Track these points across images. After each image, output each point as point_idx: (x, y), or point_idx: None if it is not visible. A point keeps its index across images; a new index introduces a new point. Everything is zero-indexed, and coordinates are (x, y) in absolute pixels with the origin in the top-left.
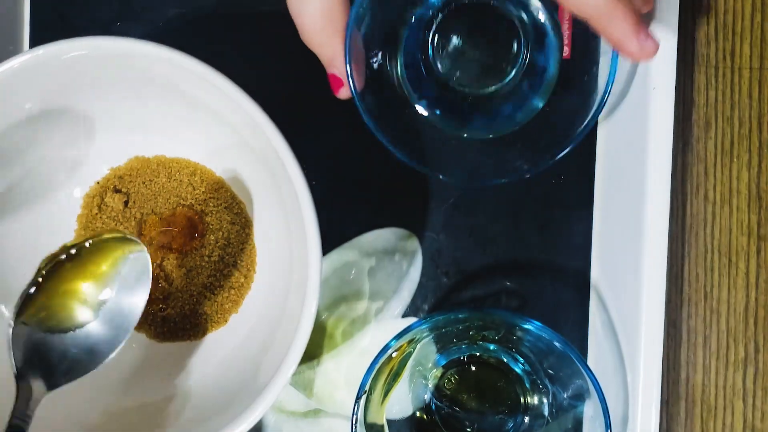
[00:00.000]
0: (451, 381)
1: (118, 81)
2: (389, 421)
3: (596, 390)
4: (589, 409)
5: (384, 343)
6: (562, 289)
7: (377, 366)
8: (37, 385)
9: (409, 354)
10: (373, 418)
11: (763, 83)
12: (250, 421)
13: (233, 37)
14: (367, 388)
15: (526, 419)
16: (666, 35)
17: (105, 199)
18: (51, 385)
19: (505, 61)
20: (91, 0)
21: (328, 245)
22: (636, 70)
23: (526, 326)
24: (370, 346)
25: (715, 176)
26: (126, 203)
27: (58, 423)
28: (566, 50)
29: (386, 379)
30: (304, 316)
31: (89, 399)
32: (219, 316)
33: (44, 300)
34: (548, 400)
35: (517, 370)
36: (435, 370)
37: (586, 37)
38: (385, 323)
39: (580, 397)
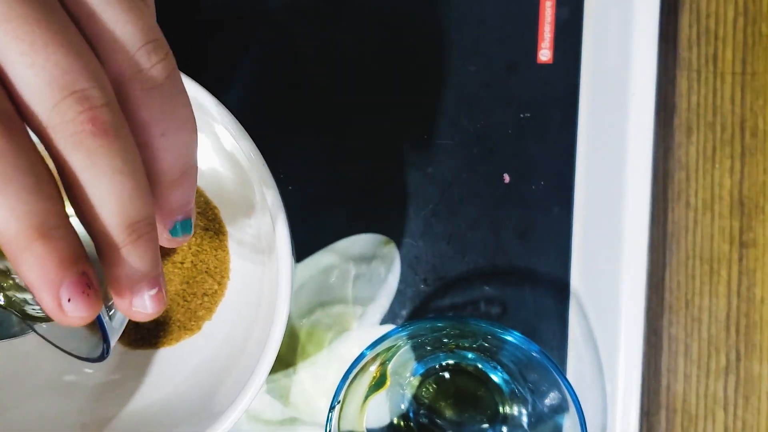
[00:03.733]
0: (429, 390)
1: None
2: (367, 430)
3: (573, 401)
4: (568, 420)
5: (360, 350)
6: (541, 296)
7: (352, 375)
8: None
9: (389, 362)
10: (350, 426)
11: (745, 88)
12: (222, 429)
13: (206, 42)
14: (341, 397)
15: (505, 429)
16: (647, 39)
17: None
18: None
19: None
20: None
21: (304, 251)
22: (615, 75)
23: (503, 336)
24: (347, 353)
25: (696, 182)
26: None
27: None
28: (548, 54)
29: (369, 385)
30: (276, 323)
31: (61, 410)
32: (192, 323)
33: None
34: (527, 409)
35: (496, 378)
36: (413, 379)
37: (567, 41)
38: (363, 330)
39: (559, 407)
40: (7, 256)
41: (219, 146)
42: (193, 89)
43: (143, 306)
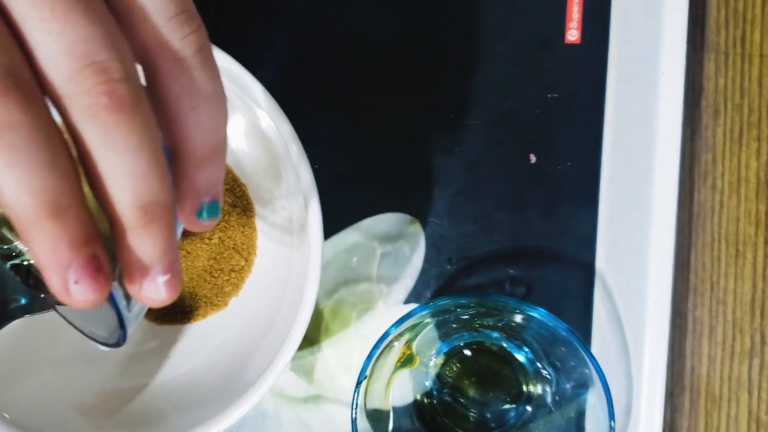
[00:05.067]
0: (452, 369)
1: None
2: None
3: (600, 378)
4: (592, 398)
5: (386, 328)
6: (566, 277)
7: (377, 352)
8: None
9: (413, 340)
10: (376, 404)
11: None
12: (248, 405)
13: (235, 19)
14: (367, 374)
15: (529, 408)
16: (676, 21)
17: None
18: None
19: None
20: None
21: (330, 229)
22: (644, 56)
23: (530, 313)
24: (371, 331)
25: (723, 165)
26: None
27: (52, 403)
28: (576, 34)
29: (396, 363)
30: (304, 301)
31: (86, 379)
32: (219, 299)
33: None
34: (551, 388)
35: (520, 357)
36: (436, 357)
37: (596, 22)
38: (388, 309)
39: (583, 385)
40: (17, 231)
41: (252, 125)
42: (233, 66)
43: (154, 292)
